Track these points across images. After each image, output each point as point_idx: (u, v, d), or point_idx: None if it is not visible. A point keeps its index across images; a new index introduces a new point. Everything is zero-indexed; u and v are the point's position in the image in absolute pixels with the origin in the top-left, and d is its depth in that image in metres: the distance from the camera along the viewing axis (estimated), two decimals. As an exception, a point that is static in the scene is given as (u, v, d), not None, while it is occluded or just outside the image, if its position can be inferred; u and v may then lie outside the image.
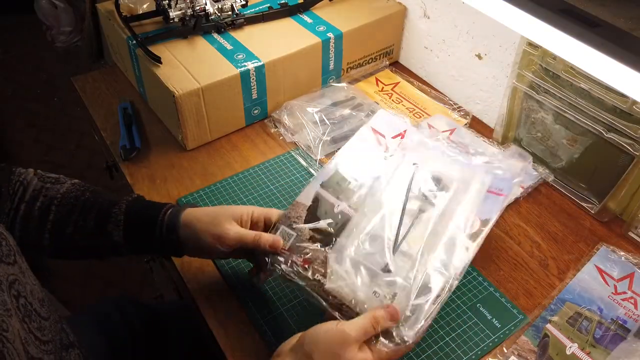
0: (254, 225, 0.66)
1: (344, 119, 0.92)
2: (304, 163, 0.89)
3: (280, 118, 0.95)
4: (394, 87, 1.05)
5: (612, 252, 0.74)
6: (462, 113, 0.99)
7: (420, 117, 0.98)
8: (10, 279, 0.50)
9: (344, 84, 1.01)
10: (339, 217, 0.66)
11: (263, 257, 0.63)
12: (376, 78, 1.07)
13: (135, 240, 0.65)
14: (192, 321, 0.83)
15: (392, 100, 1.02)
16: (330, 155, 0.90)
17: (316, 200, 0.68)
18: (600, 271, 0.72)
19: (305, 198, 0.68)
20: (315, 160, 0.89)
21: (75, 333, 0.64)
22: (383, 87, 1.05)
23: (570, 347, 0.64)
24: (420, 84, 1.05)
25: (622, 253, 0.74)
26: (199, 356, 0.90)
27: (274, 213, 0.68)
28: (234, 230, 0.63)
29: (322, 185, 0.69)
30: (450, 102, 1.01)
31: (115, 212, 0.65)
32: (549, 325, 0.66)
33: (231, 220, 0.64)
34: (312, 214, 0.66)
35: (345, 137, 0.91)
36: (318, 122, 0.92)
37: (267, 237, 0.63)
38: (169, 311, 0.98)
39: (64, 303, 1.64)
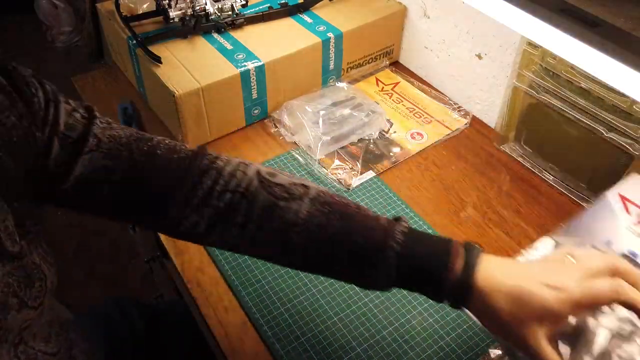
0: None
1: (344, 119, 0.92)
2: (304, 163, 0.89)
3: (280, 118, 0.95)
4: (394, 87, 1.05)
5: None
6: (462, 113, 0.99)
7: (421, 116, 0.98)
8: (23, 325, 0.46)
9: (344, 84, 1.01)
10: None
11: None
12: (376, 78, 1.07)
13: (409, 287, 0.51)
14: (192, 321, 0.83)
15: (392, 100, 1.02)
16: (330, 155, 0.90)
17: None
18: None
19: None
20: (316, 160, 0.89)
21: (77, 336, 0.64)
22: (383, 87, 1.05)
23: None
24: (420, 84, 1.05)
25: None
26: (198, 356, 0.90)
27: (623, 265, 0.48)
28: (543, 343, 0.46)
29: None
30: (451, 102, 1.01)
31: (382, 263, 0.49)
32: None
33: (539, 324, 0.45)
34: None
35: (345, 137, 0.92)
36: (318, 122, 0.92)
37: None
38: (169, 311, 0.98)
39: (65, 303, 1.65)
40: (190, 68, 0.88)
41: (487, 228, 0.80)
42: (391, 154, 0.91)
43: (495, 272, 0.47)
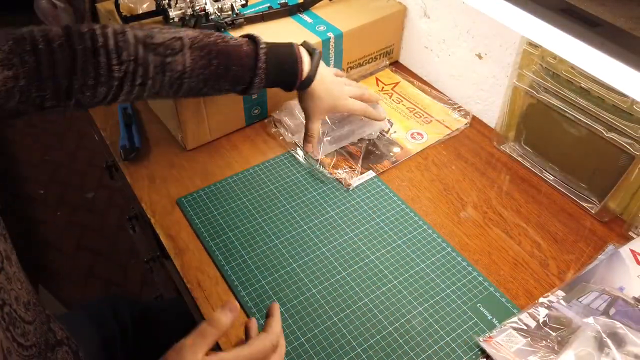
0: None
1: (344, 119, 0.92)
2: (304, 163, 0.89)
3: (280, 118, 0.95)
4: (394, 87, 1.05)
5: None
6: (462, 113, 0.99)
7: (421, 116, 0.98)
8: None
9: None
10: None
11: None
12: (376, 78, 1.07)
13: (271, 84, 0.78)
14: (188, 319, 0.83)
15: (392, 100, 1.02)
16: (330, 155, 0.90)
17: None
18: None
19: None
20: (316, 160, 0.89)
21: (68, 329, 0.64)
22: (383, 87, 1.05)
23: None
24: (420, 84, 1.05)
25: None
26: None
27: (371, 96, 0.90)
28: (349, 100, 0.86)
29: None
30: (451, 102, 1.01)
31: (256, 82, 0.73)
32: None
33: (346, 94, 0.85)
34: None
35: (345, 137, 0.92)
36: None
37: (374, 110, 0.90)
38: (166, 311, 0.98)
39: (65, 303, 1.65)
40: (190, 68, 0.88)
41: (487, 228, 0.80)
42: (391, 153, 0.91)
43: (322, 71, 0.80)
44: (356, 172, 0.87)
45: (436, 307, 0.69)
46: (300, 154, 0.91)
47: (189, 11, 0.95)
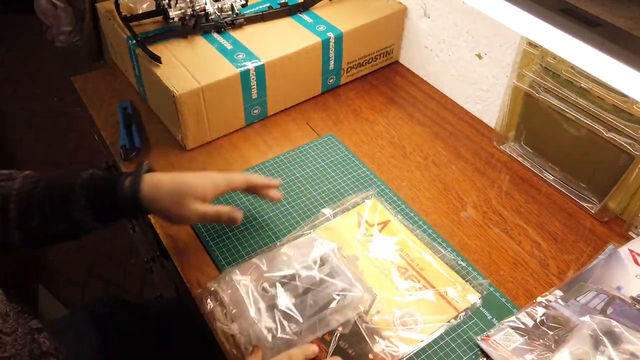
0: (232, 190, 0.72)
1: (303, 300, 0.64)
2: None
3: (218, 290, 0.67)
4: (383, 228, 0.77)
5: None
6: (478, 282, 0.71)
7: (417, 282, 0.70)
8: None
9: (312, 233, 0.74)
10: None
11: None
12: (358, 214, 0.78)
13: (106, 219, 0.67)
14: (186, 319, 0.83)
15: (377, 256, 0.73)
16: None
17: None
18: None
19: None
20: None
21: (67, 332, 0.64)
22: (367, 230, 0.77)
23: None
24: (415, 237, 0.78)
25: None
26: (194, 354, 0.90)
27: (237, 178, 0.71)
28: (198, 210, 0.66)
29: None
30: (467, 269, 0.72)
31: (75, 199, 0.64)
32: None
33: (194, 200, 0.66)
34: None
35: (308, 332, 0.63)
36: (261, 309, 0.63)
37: (225, 211, 0.69)
38: (164, 309, 0.98)
39: (65, 303, 1.65)
40: (190, 68, 0.88)
41: (487, 228, 0.80)
42: (370, 356, 0.62)
43: (160, 177, 0.66)
44: None
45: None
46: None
47: (189, 11, 0.95)
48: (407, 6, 1.06)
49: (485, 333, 0.66)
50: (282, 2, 1.02)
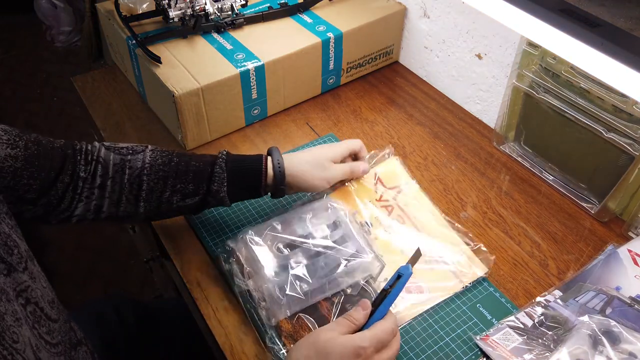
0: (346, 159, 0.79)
1: (315, 262, 0.67)
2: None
3: (235, 249, 0.70)
4: (397, 195, 0.80)
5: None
6: (485, 255, 0.72)
7: (424, 255, 0.66)
8: (19, 287, 0.51)
9: (328, 200, 0.76)
10: None
11: None
12: (376, 175, 0.81)
13: (238, 194, 0.72)
14: (188, 319, 0.83)
15: (392, 219, 0.77)
16: (290, 319, 0.65)
17: None
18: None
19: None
20: (273, 326, 0.66)
21: (82, 329, 0.65)
22: (382, 195, 0.79)
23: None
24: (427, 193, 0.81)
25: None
26: (194, 354, 0.90)
27: (356, 144, 0.79)
28: (338, 169, 0.75)
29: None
30: (470, 235, 0.75)
31: (217, 172, 0.68)
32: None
33: (331, 162, 0.74)
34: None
35: (318, 291, 0.66)
36: (275, 270, 0.66)
37: (358, 166, 0.78)
38: (166, 310, 0.98)
39: (64, 303, 1.65)
40: (190, 68, 0.88)
41: (487, 228, 0.80)
42: None
43: (293, 154, 0.74)
44: None
45: (436, 307, 0.69)
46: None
47: (189, 11, 0.95)
48: (407, 6, 1.06)
49: (484, 333, 0.66)
50: (282, 2, 1.02)
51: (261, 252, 0.68)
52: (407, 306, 0.68)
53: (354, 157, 0.81)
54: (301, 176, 0.72)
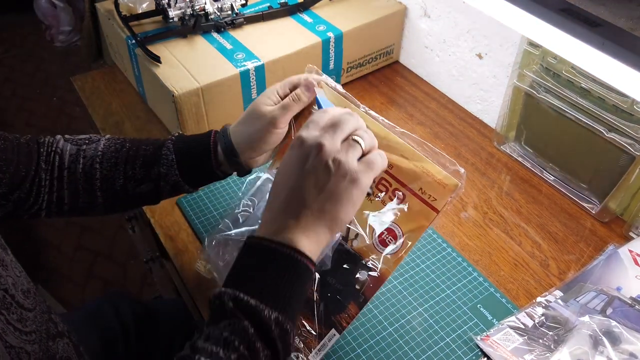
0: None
1: None
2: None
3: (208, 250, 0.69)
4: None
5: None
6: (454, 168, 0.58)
7: (390, 188, 0.57)
8: None
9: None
10: None
11: None
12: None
13: (195, 176, 0.67)
14: (187, 319, 0.83)
15: None
16: None
17: None
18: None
19: None
20: None
21: (68, 324, 0.65)
22: None
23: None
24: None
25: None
26: None
27: (295, 77, 0.69)
28: (277, 109, 0.64)
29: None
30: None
31: (165, 154, 0.65)
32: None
33: (267, 106, 0.65)
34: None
35: None
36: None
37: (297, 90, 0.67)
38: (164, 308, 0.98)
39: (65, 303, 1.65)
40: (190, 68, 0.88)
41: (487, 228, 0.80)
42: (357, 287, 0.58)
43: (234, 125, 0.67)
44: (314, 341, 0.59)
45: (436, 307, 0.69)
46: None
47: (189, 11, 0.95)
48: (407, 6, 1.06)
49: (485, 333, 0.66)
50: (282, 2, 1.02)
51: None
52: (387, 258, 0.57)
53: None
54: (245, 135, 0.65)
